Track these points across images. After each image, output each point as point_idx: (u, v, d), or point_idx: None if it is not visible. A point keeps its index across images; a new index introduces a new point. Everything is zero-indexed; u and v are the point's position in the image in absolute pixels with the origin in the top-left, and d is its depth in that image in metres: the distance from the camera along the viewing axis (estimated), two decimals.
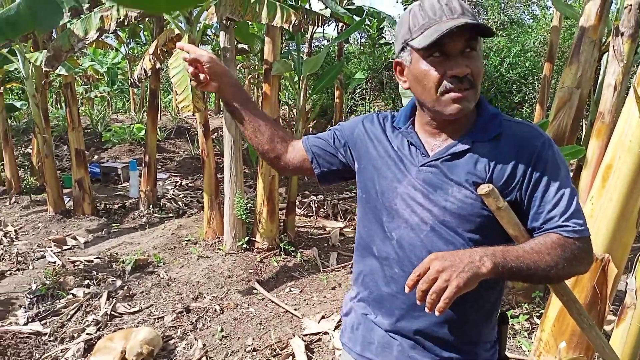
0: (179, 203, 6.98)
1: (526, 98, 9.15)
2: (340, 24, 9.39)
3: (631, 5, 2.93)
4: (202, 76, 1.45)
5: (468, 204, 1.20)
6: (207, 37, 11.27)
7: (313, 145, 1.49)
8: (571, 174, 4.38)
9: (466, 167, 1.22)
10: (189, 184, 8.18)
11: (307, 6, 7.29)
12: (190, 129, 11.90)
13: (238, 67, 14.80)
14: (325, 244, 5.51)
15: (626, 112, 2.21)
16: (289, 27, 4.29)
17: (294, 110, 5.63)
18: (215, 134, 10.73)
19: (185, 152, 10.41)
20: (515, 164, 1.20)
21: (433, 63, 1.17)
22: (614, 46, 2.91)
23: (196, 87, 1.47)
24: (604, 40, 3.61)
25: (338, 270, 4.83)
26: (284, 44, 9.49)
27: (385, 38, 10.75)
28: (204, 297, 4.20)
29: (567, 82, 3.36)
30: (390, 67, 11.35)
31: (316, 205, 6.49)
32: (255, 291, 4.34)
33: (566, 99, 3.34)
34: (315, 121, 13.10)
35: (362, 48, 11.69)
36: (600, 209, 2.24)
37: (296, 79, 5.32)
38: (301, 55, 5.45)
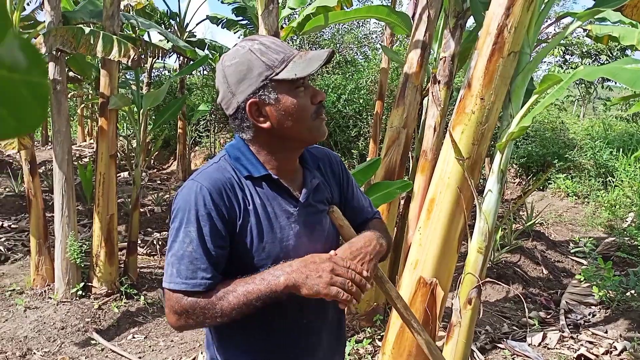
0: (0, 248, 6.17)
1: (361, 132, 9.83)
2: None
3: (445, 57, 3.36)
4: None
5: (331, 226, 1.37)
6: None
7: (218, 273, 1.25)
8: (402, 203, 4.80)
9: (322, 195, 1.38)
10: (12, 226, 7.28)
11: (146, 38, 7.09)
12: (12, 163, 10.68)
13: (69, 95, 13.75)
14: None
15: (444, 153, 2.50)
16: (127, 61, 4.13)
17: (133, 143, 5.38)
18: (43, 167, 9.76)
19: (7, 189, 9.28)
20: (336, 178, 1.47)
21: (300, 93, 1.24)
22: (432, 92, 3.29)
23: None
24: (425, 85, 4.06)
25: None
26: (121, 74, 9.07)
27: None
28: (34, 353, 3.75)
29: (395, 122, 3.70)
30: None
31: (160, 243, 6.20)
32: (93, 342, 3.99)
33: (395, 138, 3.68)
34: (157, 153, 12.64)
35: (205, 80, 11.62)
36: (427, 238, 2.49)
37: (135, 110, 5.11)
38: (140, 85, 5.25)
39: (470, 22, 3.62)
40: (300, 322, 1.33)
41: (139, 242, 5.92)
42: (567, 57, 17.02)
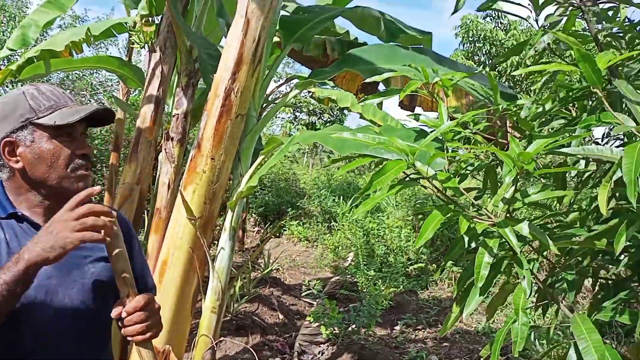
0: None
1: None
2: None
3: (178, 114, 3.37)
4: None
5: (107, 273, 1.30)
6: None
7: None
8: None
9: (91, 245, 1.26)
10: None
11: None
12: None
13: None
14: None
15: (176, 212, 2.46)
16: None
17: None
18: None
19: None
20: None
21: (62, 142, 1.26)
22: (165, 149, 3.25)
23: None
24: (160, 140, 3.98)
25: None
26: None
27: None
28: None
29: (128, 178, 3.52)
30: None
31: None
32: None
33: (127, 195, 3.49)
34: None
35: None
36: (160, 304, 2.38)
37: None
38: None
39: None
40: None
41: None
42: (297, 114, 18.93)
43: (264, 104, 4.05)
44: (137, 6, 4.05)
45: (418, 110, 3.57)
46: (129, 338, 1.20)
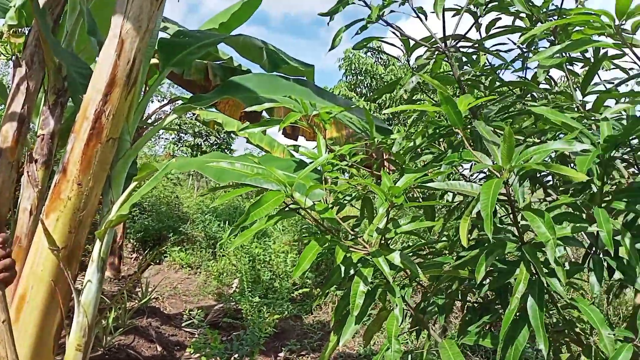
0: None
1: None
2: None
3: (44, 134, 3.11)
4: None
5: None
6: None
7: None
8: None
9: None
10: None
11: None
12: None
13: None
14: None
15: (37, 242, 2.25)
16: None
17: None
18: None
19: None
20: None
21: None
22: (28, 172, 2.97)
23: None
24: (22, 162, 3.64)
25: None
26: None
27: None
28: None
29: None
30: None
31: None
32: None
33: None
34: None
35: None
36: (16, 344, 2.14)
37: None
38: None
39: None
40: None
41: None
42: (182, 135, 18.44)
43: (143, 126, 3.88)
44: (4, 15, 3.74)
45: (301, 139, 3.63)
46: None
